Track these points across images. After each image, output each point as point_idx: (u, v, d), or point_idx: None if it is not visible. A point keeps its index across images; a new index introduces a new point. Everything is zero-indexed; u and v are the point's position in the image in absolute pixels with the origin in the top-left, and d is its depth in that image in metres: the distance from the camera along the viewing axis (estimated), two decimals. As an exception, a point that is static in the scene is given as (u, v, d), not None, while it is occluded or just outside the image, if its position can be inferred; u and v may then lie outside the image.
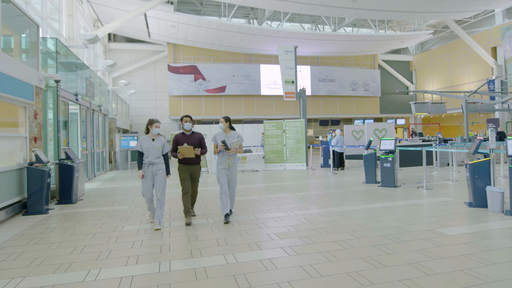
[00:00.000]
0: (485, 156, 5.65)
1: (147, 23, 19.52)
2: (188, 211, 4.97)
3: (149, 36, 21.66)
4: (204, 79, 23.13)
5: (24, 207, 6.10)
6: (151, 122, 4.92)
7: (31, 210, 5.93)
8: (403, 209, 5.57)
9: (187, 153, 4.81)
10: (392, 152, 7.95)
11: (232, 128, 5.27)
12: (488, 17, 22.60)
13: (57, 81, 7.32)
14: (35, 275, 3.17)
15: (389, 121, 28.24)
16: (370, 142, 8.81)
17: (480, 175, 5.54)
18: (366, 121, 27.05)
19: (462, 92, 15.52)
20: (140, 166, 4.79)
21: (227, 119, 5.24)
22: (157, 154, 4.82)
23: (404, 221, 4.82)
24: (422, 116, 25.62)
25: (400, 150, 10.05)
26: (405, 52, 29.76)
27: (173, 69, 22.75)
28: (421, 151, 9.82)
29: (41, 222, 5.32)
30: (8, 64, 5.52)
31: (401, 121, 28.58)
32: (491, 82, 20.39)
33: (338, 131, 12.14)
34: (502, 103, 19.14)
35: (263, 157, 13.01)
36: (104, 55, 21.94)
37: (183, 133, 5.10)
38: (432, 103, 16.50)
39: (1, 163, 5.51)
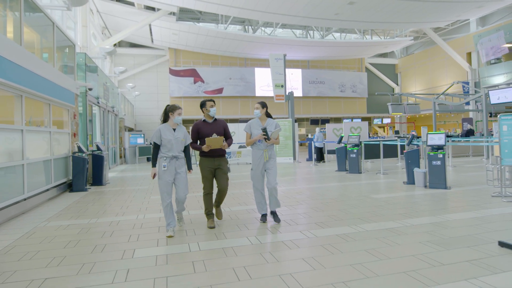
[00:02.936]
0: (416, 146, 7.60)
1: (151, 31, 21.35)
2: (211, 212, 4.42)
3: (152, 42, 23.47)
4: (203, 81, 25.01)
5: (69, 186, 7.96)
6: (173, 108, 4.07)
7: (75, 188, 7.80)
8: (355, 186, 7.50)
9: (214, 145, 4.16)
10: (357, 145, 9.88)
11: (268, 116, 4.60)
12: (464, 25, 24.62)
13: (90, 89, 9.16)
14: (104, 217, 5.06)
15: (375, 120, 30.30)
16: (341, 137, 10.75)
17: (412, 161, 7.47)
18: (354, 120, 29.05)
19: (434, 94, 17.53)
20: (154, 163, 3.97)
21: (263, 105, 4.52)
22: (181, 147, 4.08)
23: (351, 191, 6.75)
24: (399, 116, 27.59)
25: (373, 145, 11.96)
26: (391, 56, 31.80)
27: (174, 72, 24.61)
28: (390, 145, 11.81)
29: (87, 195, 7.20)
30: (60, 78, 7.38)
31: (387, 120, 30.60)
32: (465, 84, 22.40)
33: (317, 129, 14.07)
34: (476, 102, 21.16)
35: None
36: (110, 58, 23.73)
37: (204, 120, 4.41)
38: (407, 104, 18.51)
39: (56, 152, 7.37)
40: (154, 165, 3.99)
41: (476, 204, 5.24)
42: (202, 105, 4.41)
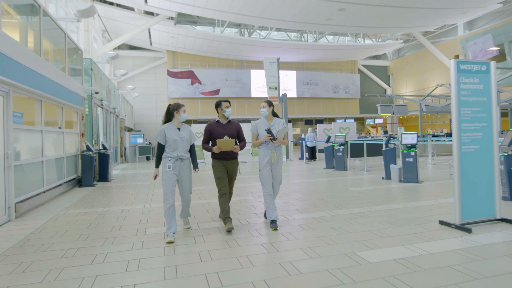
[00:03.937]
0: (394, 145, 8.43)
1: (149, 34, 22.05)
2: (228, 216, 4.14)
3: (151, 44, 24.17)
4: (200, 83, 25.77)
5: (78, 182, 8.71)
6: (178, 107, 4.01)
7: (84, 184, 8.55)
8: (338, 181, 8.31)
9: (225, 147, 4.10)
10: (343, 144, 10.69)
11: (275, 115, 4.48)
12: (452, 28, 25.55)
13: (96, 92, 9.91)
14: (115, 207, 5.83)
15: (368, 120, 31.20)
16: (329, 137, 11.56)
17: (389, 158, 8.30)
18: (347, 120, 29.95)
19: (420, 96, 18.39)
20: (158, 163, 3.92)
21: (270, 103, 4.38)
22: (187, 146, 4.01)
23: (333, 185, 7.56)
24: (389, 116, 28.49)
25: (360, 144, 12.79)
26: (384, 58, 32.70)
27: (172, 74, 25.35)
28: (376, 144, 12.63)
29: (96, 190, 7.95)
30: (71, 83, 8.13)
31: (379, 120, 31.52)
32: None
33: (309, 129, 14.88)
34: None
35: (251, 153, 15.70)
36: (110, 60, 24.39)
37: (217, 121, 4.33)
38: (396, 106, 19.37)
39: (68, 151, 8.12)
40: (157, 166, 3.92)
41: (438, 195, 6.07)
42: (218, 105, 4.31)
